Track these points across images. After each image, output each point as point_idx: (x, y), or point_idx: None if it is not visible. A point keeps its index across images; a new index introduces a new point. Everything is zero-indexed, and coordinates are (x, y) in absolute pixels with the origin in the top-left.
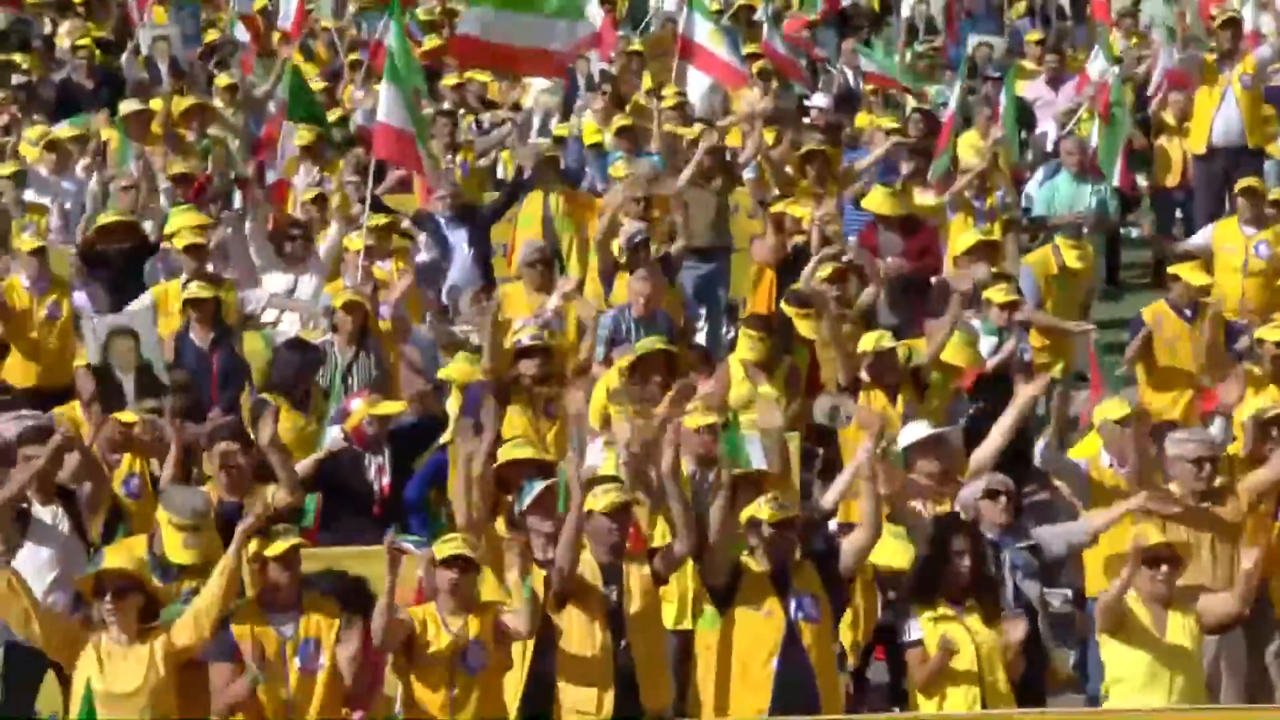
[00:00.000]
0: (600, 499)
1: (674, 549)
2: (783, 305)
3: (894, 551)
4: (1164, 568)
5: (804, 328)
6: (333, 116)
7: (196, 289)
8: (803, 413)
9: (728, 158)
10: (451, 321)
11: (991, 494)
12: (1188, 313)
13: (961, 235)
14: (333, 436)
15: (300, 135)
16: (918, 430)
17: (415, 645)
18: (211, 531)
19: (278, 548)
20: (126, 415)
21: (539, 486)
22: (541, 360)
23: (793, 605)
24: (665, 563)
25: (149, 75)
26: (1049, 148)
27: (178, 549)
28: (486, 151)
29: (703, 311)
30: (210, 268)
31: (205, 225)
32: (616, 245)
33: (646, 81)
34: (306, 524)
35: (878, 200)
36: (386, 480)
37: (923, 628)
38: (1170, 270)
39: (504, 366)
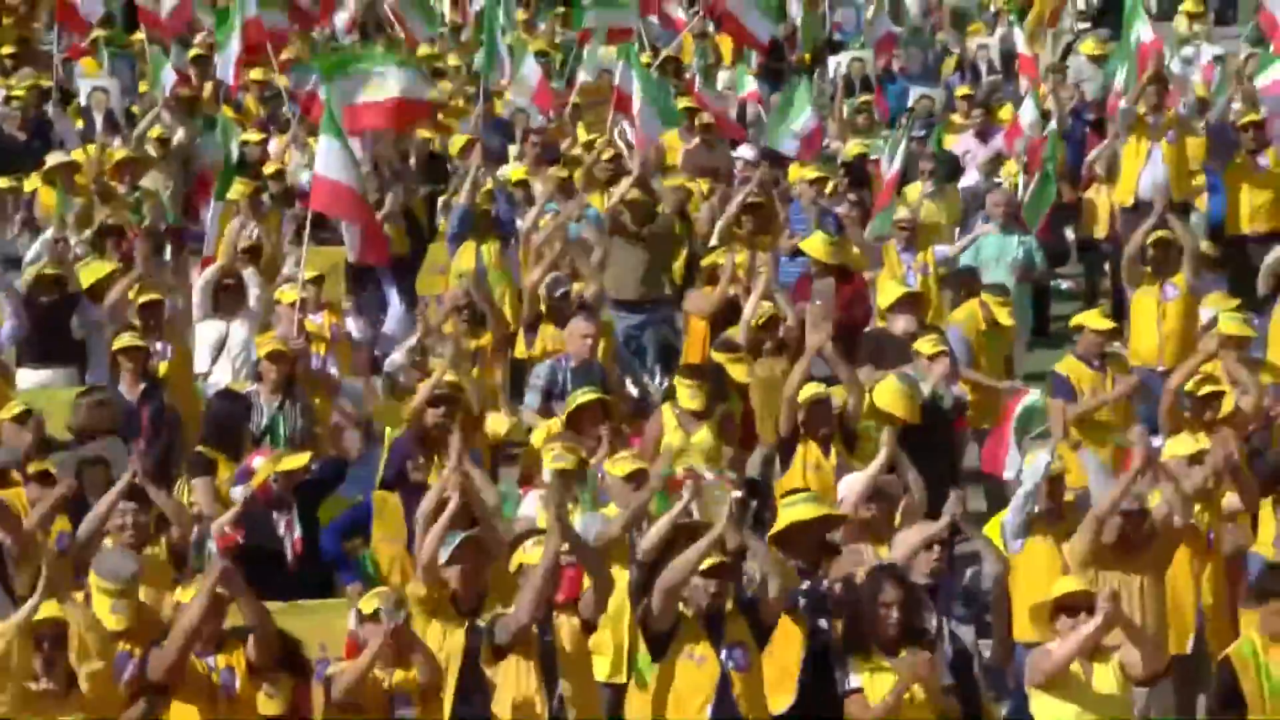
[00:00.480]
0: (531, 553)
1: (589, 604)
2: (713, 353)
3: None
4: (1083, 616)
5: (737, 372)
6: (269, 170)
7: (128, 339)
8: (737, 462)
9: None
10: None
11: (928, 545)
12: (1095, 363)
13: (888, 286)
14: (235, 496)
15: (236, 189)
16: (852, 481)
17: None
18: (138, 598)
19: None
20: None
21: (459, 538)
22: (447, 408)
23: (724, 654)
24: (586, 609)
25: (84, 126)
26: (974, 199)
27: (106, 614)
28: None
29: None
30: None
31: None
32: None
33: (581, 133)
34: None
35: (816, 246)
36: (297, 535)
37: (860, 678)
38: (1073, 321)
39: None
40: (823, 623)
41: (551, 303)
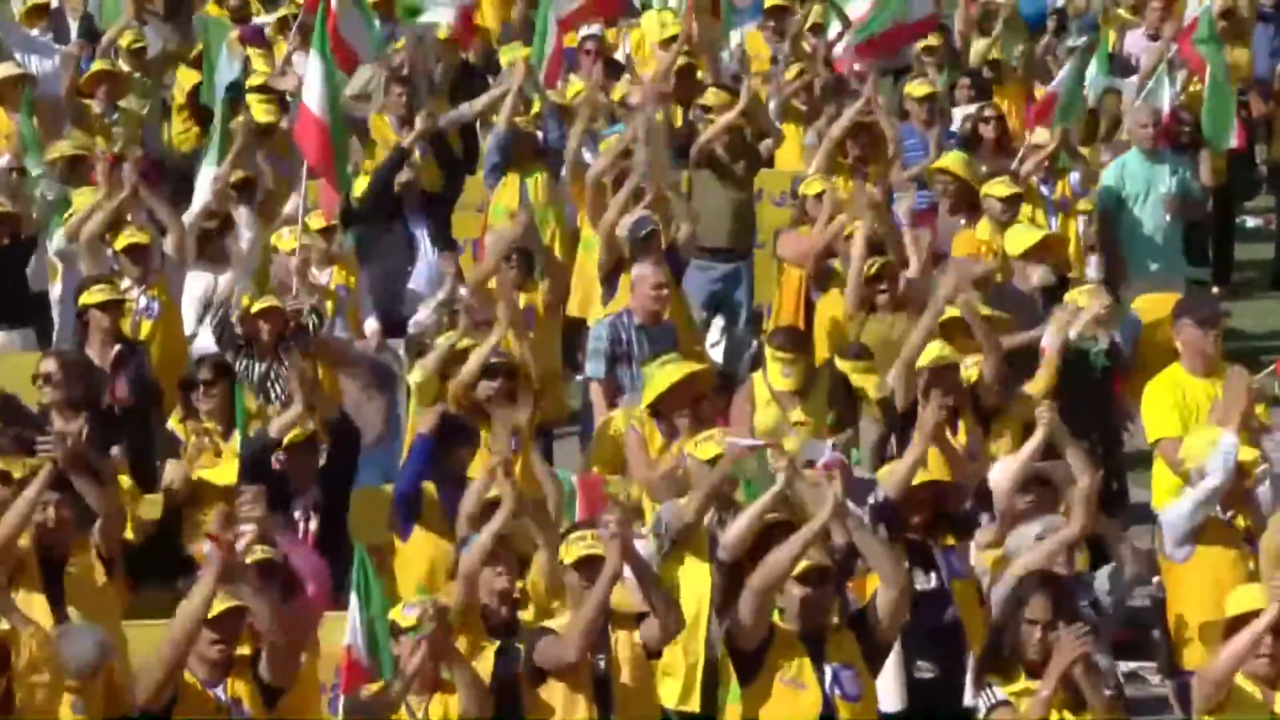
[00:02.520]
0: (574, 547)
1: (653, 636)
2: (837, 360)
3: None
4: (1269, 641)
5: (867, 385)
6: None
7: (101, 291)
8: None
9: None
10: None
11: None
12: None
13: (1018, 231)
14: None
15: (257, 111)
16: (1011, 464)
17: None
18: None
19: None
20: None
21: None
22: (505, 379)
23: (828, 678)
24: (649, 639)
25: (54, 35)
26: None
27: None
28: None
29: (717, 321)
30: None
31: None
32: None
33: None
34: None
35: (957, 163)
36: (313, 526)
37: (1004, 691)
38: None
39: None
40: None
41: (637, 245)
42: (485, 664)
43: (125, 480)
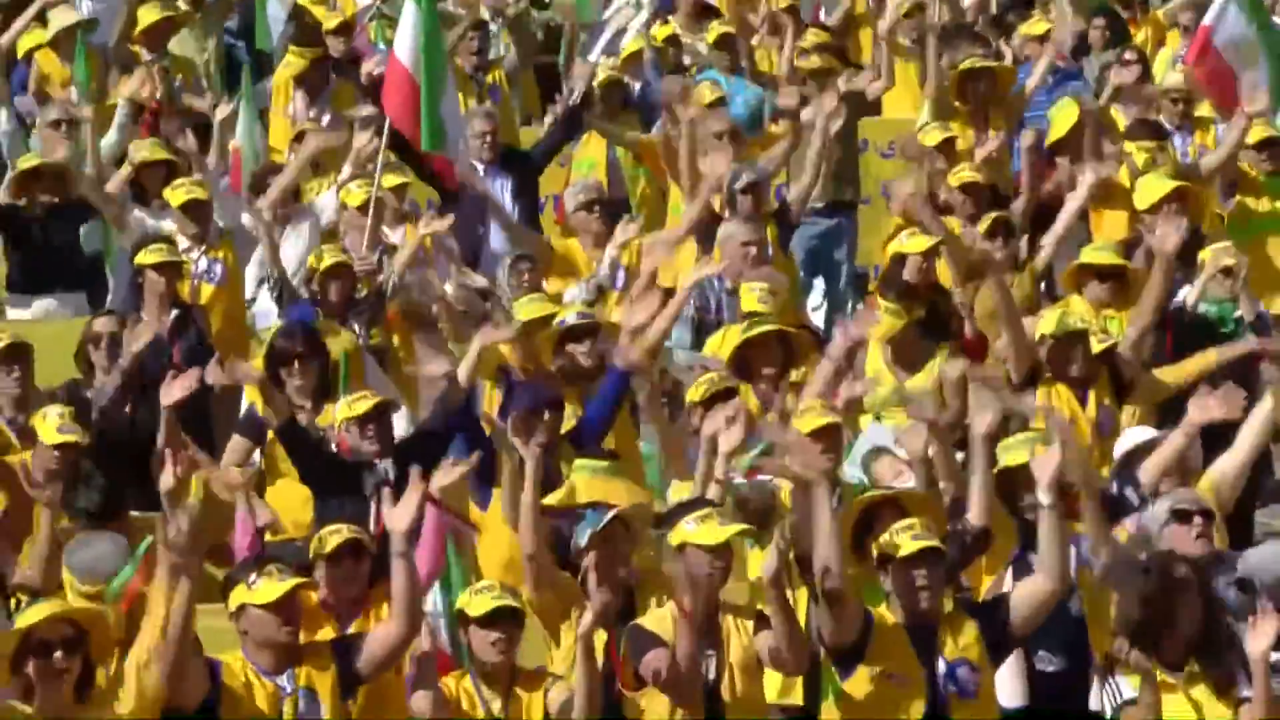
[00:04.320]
0: (695, 531)
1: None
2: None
3: None
4: None
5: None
6: (332, 23)
7: (157, 251)
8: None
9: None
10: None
11: (1181, 515)
12: None
13: (1149, 181)
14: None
15: (290, 60)
16: (1140, 435)
17: None
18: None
19: (268, 593)
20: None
21: (607, 516)
22: (593, 343)
23: (941, 672)
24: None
25: None
26: None
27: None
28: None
29: (818, 283)
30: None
31: (199, 176)
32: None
33: None
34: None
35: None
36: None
37: (1134, 687)
38: None
39: (545, 356)
40: None
41: (739, 199)
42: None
43: None
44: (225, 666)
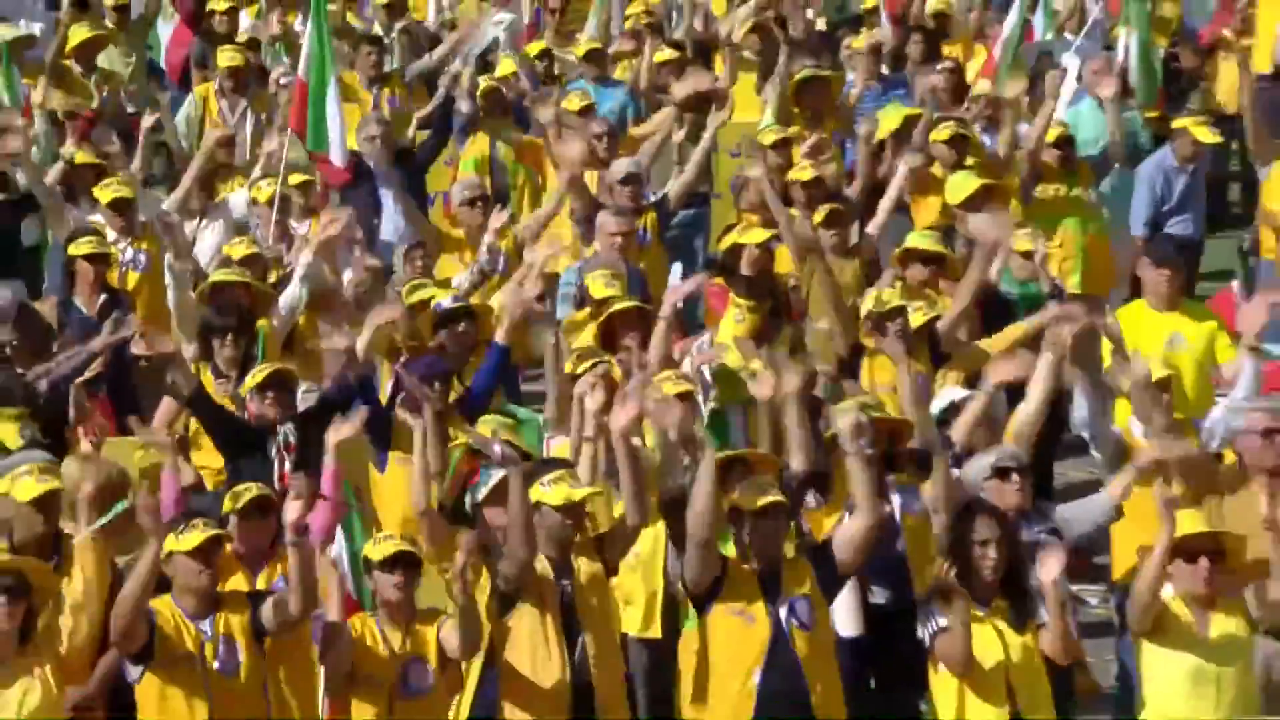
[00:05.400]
0: (551, 491)
1: (625, 522)
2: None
3: None
4: (1203, 562)
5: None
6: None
7: (86, 244)
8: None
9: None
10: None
11: (1001, 472)
12: None
13: (960, 178)
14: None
15: (222, 55)
16: (951, 395)
17: (354, 663)
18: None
19: (191, 541)
20: None
21: (497, 475)
22: (465, 327)
23: (783, 610)
24: (616, 541)
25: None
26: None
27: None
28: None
29: (676, 266)
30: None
31: (124, 175)
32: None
33: None
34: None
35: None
36: (287, 468)
37: (947, 618)
38: None
39: (426, 335)
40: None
41: (617, 194)
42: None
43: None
44: (157, 611)
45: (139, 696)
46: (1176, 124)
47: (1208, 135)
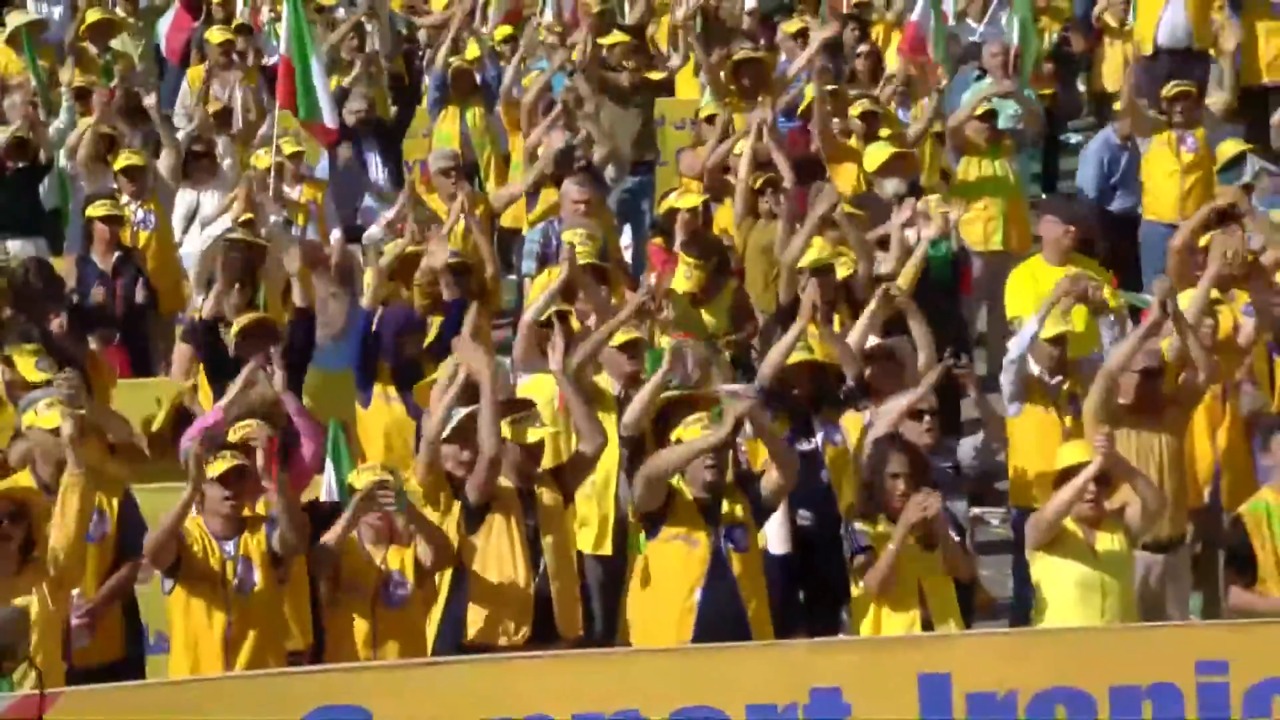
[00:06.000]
0: (514, 429)
1: (581, 451)
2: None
3: None
4: (1092, 488)
5: None
6: (237, 22)
7: (102, 206)
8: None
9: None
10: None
11: (916, 414)
12: None
13: (874, 148)
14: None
15: (212, 34)
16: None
17: (337, 575)
18: None
19: (217, 468)
20: None
21: (461, 414)
22: (458, 276)
23: (721, 535)
24: (574, 468)
25: None
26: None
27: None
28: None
29: (626, 229)
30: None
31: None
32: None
33: None
34: None
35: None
36: None
37: (869, 538)
38: None
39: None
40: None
41: (558, 165)
42: (452, 525)
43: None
44: (187, 532)
45: (169, 606)
46: (1118, 107)
47: None
